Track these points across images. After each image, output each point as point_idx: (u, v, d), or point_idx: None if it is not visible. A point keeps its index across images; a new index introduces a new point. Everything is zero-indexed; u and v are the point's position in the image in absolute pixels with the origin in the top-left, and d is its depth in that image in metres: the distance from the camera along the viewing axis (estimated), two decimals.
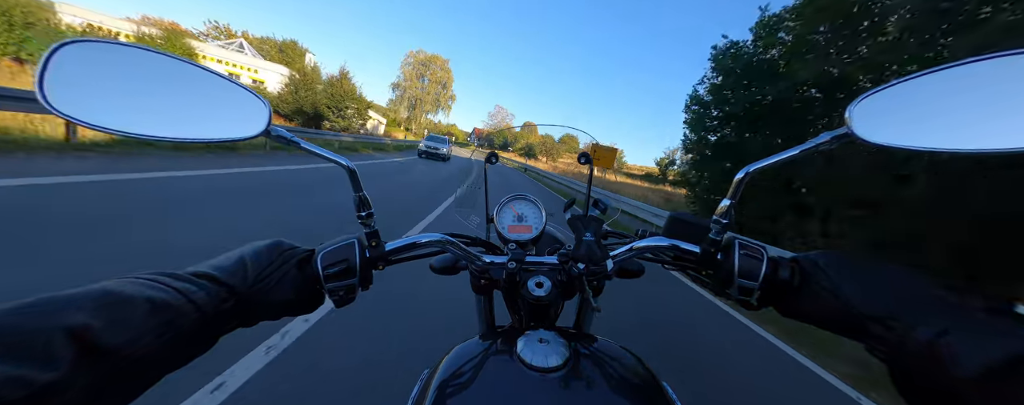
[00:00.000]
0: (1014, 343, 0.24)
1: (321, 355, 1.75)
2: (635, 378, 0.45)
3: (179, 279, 0.32)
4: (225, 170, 5.40)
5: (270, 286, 0.37)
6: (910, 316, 0.30)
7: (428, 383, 0.45)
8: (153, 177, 4.18)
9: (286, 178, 5.91)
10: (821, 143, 0.37)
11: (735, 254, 0.42)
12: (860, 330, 0.34)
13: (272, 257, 0.39)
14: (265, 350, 1.70)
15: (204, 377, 1.46)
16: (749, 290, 0.41)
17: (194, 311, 0.30)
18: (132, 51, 0.33)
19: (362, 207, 0.44)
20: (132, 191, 3.61)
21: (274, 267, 0.38)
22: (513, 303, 0.60)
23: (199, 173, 4.82)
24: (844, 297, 0.35)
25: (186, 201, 3.56)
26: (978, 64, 0.31)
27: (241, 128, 0.37)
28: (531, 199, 0.64)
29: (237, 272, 0.36)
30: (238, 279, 0.35)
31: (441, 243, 0.50)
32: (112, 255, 2.19)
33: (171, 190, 3.89)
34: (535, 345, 0.44)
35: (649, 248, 0.50)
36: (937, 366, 0.26)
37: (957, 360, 0.25)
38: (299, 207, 4.31)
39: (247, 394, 1.44)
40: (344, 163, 0.43)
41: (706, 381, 2.23)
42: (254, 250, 0.39)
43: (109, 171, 3.98)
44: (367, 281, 0.45)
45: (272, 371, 1.59)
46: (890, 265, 0.36)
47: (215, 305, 0.32)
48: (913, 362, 0.28)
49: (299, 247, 0.43)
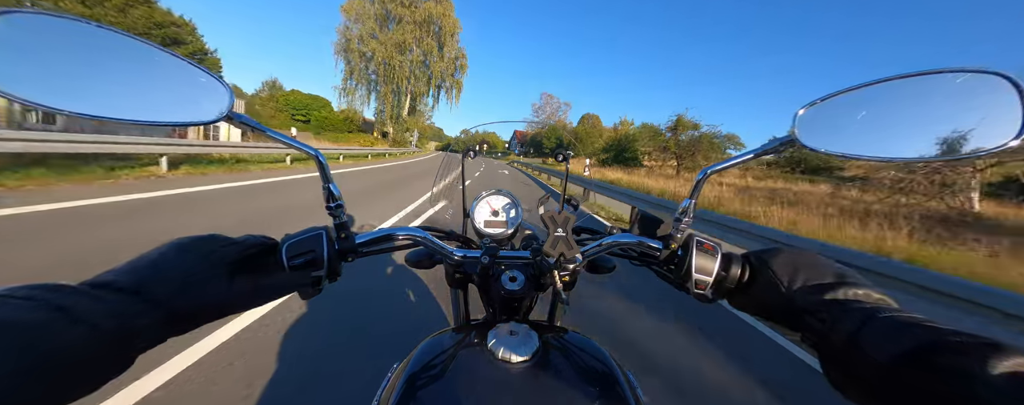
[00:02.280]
0: (921, 333, 0.27)
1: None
2: (600, 369, 0.46)
3: (61, 291, 0.26)
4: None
5: (203, 286, 0.33)
6: (837, 309, 0.33)
7: (398, 374, 0.46)
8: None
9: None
10: (770, 148, 0.40)
11: (693, 251, 0.44)
12: (797, 322, 0.37)
13: (202, 253, 0.34)
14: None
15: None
16: (704, 285, 0.43)
17: (85, 331, 0.25)
18: (77, 25, 0.31)
19: (330, 198, 0.44)
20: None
21: (208, 264, 0.34)
22: (487, 296, 0.61)
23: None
24: (786, 291, 0.38)
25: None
26: (901, 81, 0.34)
27: (200, 112, 0.35)
28: (508, 195, 0.65)
29: (153, 275, 0.31)
30: (154, 283, 0.31)
31: (414, 237, 0.50)
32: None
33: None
34: (505, 338, 0.45)
35: (618, 244, 0.52)
36: (858, 354, 0.29)
37: (874, 349, 0.28)
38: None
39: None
40: (310, 151, 0.42)
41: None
42: (177, 246, 0.34)
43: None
44: (335, 273, 0.44)
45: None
46: (826, 262, 0.39)
47: (117, 320, 0.27)
48: (838, 351, 0.31)
49: (249, 240, 0.39)
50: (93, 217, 3.39)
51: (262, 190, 5.88)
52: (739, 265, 0.43)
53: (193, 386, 1.45)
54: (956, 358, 0.24)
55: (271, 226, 3.75)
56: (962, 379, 0.23)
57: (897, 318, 0.29)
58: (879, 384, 0.27)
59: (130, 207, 3.88)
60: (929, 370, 0.25)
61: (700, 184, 0.45)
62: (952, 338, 0.25)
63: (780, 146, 0.40)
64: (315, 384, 1.53)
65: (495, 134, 54.92)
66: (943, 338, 0.26)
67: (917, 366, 0.25)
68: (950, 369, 0.24)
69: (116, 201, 4.03)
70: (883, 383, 0.27)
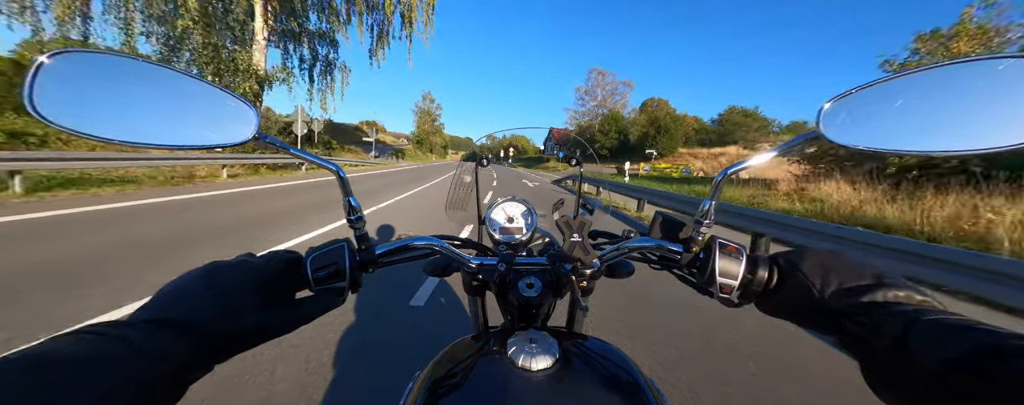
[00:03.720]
0: (972, 336, 0.25)
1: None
2: (622, 377, 0.46)
3: (122, 326, 0.28)
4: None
5: (242, 312, 0.34)
6: (878, 312, 0.32)
7: (420, 383, 0.46)
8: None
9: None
10: (794, 145, 0.39)
11: (715, 254, 0.43)
12: (833, 326, 0.35)
13: (237, 279, 0.35)
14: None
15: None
16: (729, 288, 0.42)
17: (145, 364, 0.26)
18: (119, 60, 0.33)
19: (351, 211, 0.45)
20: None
21: (243, 290, 0.34)
22: (505, 303, 0.61)
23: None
24: (818, 294, 0.36)
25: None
26: (936, 70, 0.33)
27: (231, 134, 0.38)
28: (522, 201, 0.65)
29: (192, 305, 0.32)
30: (195, 312, 0.31)
31: (432, 246, 0.51)
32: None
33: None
34: (525, 345, 0.44)
35: (637, 248, 0.51)
36: (902, 360, 0.27)
37: (922, 354, 0.26)
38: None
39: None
40: (333, 168, 0.44)
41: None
42: (210, 272, 0.35)
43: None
44: (356, 284, 0.45)
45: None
46: (861, 262, 0.37)
47: (169, 352, 0.28)
48: (881, 356, 0.29)
49: (276, 257, 0.40)
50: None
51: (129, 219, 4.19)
52: (766, 267, 0.42)
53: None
54: (1012, 361, 0.22)
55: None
56: (1019, 386, 0.21)
57: (946, 320, 0.27)
58: (928, 392, 0.26)
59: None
60: (985, 377, 0.23)
61: (719, 185, 0.44)
62: (1013, 342, 0.23)
63: (804, 142, 0.39)
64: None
65: (525, 138, 44.02)
66: (1003, 342, 0.24)
67: (972, 372, 0.24)
68: (1011, 376, 0.22)
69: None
70: (933, 391, 0.25)
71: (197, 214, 4.81)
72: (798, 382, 1.87)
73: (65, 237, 3.46)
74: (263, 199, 6.50)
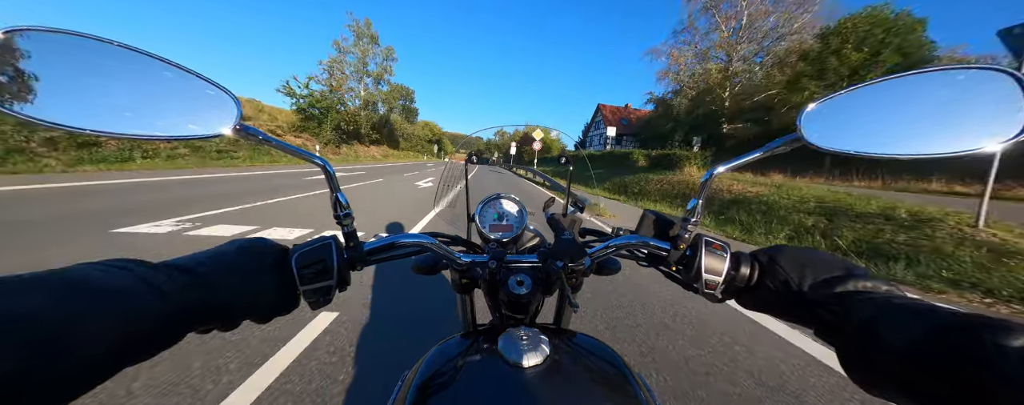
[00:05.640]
0: (932, 317, 0.28)
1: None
2: (612, 372, 0.46)
3: (144, 265, 0.30)
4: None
5: (249, 285, 0.36)
6: (849, 301, 0.34)
7: (408, 382, 0.45)
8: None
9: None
10: (776, 147, 0.41)
11: (702, 251, 0.44)
12: (809, 317, 0.37)
13: (252, 255, 0.38)
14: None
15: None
16: (714, 284, 0.44)
17: (158, 300, 0.29)
18: (83, 41, 0.30)
19: (338, 207, 0.43)
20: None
21: (253, 266, 0.37)
22: (494, 301, 0.61)
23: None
24: (797, 288, 0.38)
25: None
26: (912, 77, 0.35)
27: (208, 125, 0.35)
28: (512, 199, 0.65)
29: (214, 266, 0.35)
30: (214, 272, 0.34)
31: (421, 243, 0.50)
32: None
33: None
34: (515, 342, 0.45)
35: (625, 246, 0.52)
36: (874, 343, 0.30)
37: (890, 335, 0.29)
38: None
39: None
40: (320, 162, 0.42)
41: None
42: (235, 247, 0.38)
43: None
44: (344, 282, 0.44)
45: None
46: (832, 258, 0.40)
47: (180, 294, 0.31)
48: (853, 342, 0.32)
49: (279, 246, 0.41)
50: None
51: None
52: (748, 264, 0.43)
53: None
54: (969, 337, 0.25)
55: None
56: (977, 357, 0.24)
57: (909, 305, 0.30)
58: (898, 371, 0.28)
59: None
60: (945, 352, 0.25)
61: (706, 185, 0.45)
62: (964, 319, 0.26)
63: (785, 144, 0.41)
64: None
65: (545, 130, 36.17)
66: (956, 319, 0.26)
67: (934, 349, 0.26)
68: (965, 349, 0.25)
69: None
70: (902, 370, 0.28)
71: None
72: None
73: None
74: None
